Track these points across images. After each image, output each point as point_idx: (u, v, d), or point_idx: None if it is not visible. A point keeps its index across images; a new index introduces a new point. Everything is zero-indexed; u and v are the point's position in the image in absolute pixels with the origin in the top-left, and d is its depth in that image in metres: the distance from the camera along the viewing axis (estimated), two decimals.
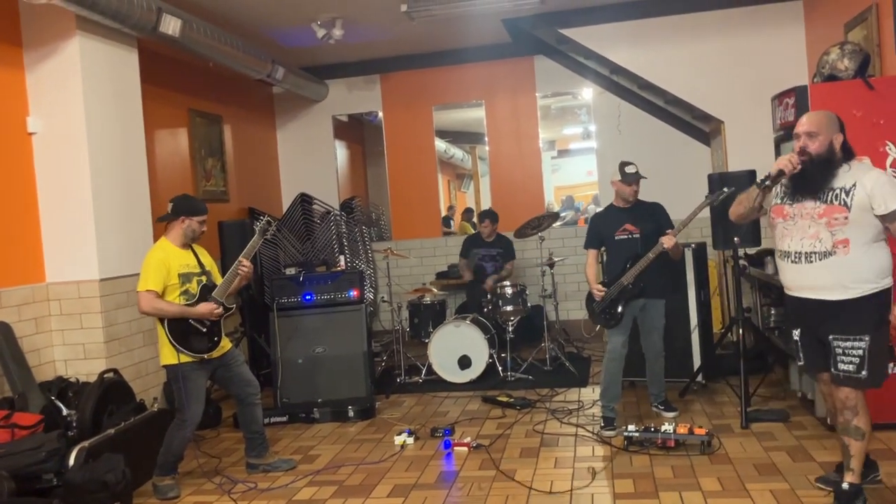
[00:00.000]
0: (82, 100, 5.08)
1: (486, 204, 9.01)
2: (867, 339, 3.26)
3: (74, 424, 4.52)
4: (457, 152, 9.95)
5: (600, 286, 4.96)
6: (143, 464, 4.38)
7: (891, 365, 4.39)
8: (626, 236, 4.99)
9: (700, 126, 8.16)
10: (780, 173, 3.38)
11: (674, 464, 4.20)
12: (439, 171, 9.16)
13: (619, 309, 4.91)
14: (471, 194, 10.00)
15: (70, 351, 5.13)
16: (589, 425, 5.04)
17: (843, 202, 3.26)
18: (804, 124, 3.38)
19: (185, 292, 4.32)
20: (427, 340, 6.64)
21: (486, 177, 9.13)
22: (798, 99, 4.53)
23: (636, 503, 3.75)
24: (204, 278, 4.42)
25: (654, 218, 5.02)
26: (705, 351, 5.75)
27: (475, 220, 7.84)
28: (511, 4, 6.70)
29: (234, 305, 4.53)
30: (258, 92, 8.82)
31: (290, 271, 6.27)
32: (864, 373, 3.27)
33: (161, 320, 4.24)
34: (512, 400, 5.71)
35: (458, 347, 6.44)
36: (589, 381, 6.23)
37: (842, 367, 3.31)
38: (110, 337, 5.17)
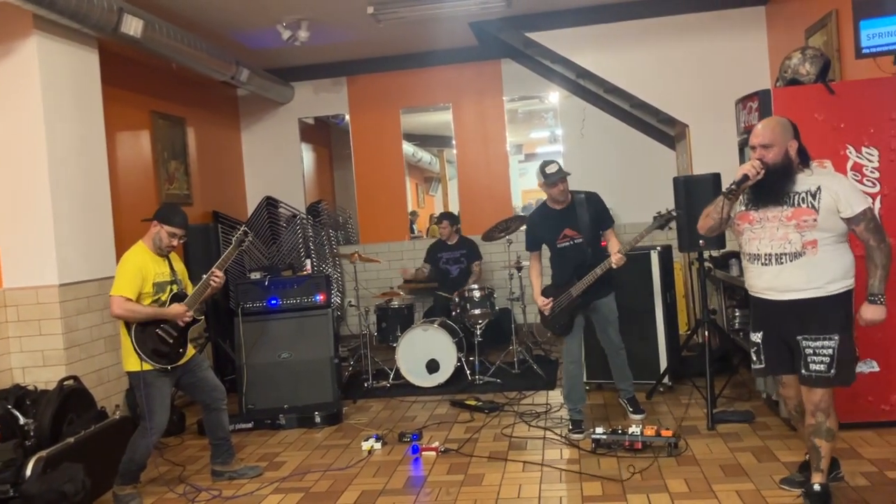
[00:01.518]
0: (41, 101, 4.96)
1: (454, 206, 9.01)
2: (836, 338, 3.31)
3: (32, 434, 4.40)
4: (424, 156, 9.94)
5: (546, 300, 4.91)
6: (104, 473, 4.29)
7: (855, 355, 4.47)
8: (568, 243, 4.90)
9: (665, 130, 8.23)
10: (745, 178, 3.38)
11: (641, 466, 4.21)
12: (407, 175, 9.13)
13: (570, 317, 4.91)
14: (439, 197, 10.00)
15: (28, 358, 5.01)
16: (557, 428, 5.04)
17: (810, 205, 3.31)
18: (759, 136, 3.41)
19: (157, 300, 4.24)
20: (395, 345, 6.60)
21: (453, 180, 9.12)
22: (761, 103, 4.58)
23: None
24: (175, 287, 4.34)
25: (592, 214, 4.88)
26: (671, 353, 5.78)
27: (436, 223, 7.80)
28: (478, 7, 6.70)
29: (203, 317, 4.45)
30: (222, 94, 8.71)
31: (256, 276, 6.19)
32: (833, 371, 3.32)
33: (127, 327, 4.15)
34: (480, 403, 5.69)
35: (425, 351, 6.41)
36: (557, 384, 6.23)
37: (813, 367, 3.34)
38: (70, 343, 5.05)
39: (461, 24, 7.41)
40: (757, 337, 3.58)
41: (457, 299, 6.74)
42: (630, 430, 4.45)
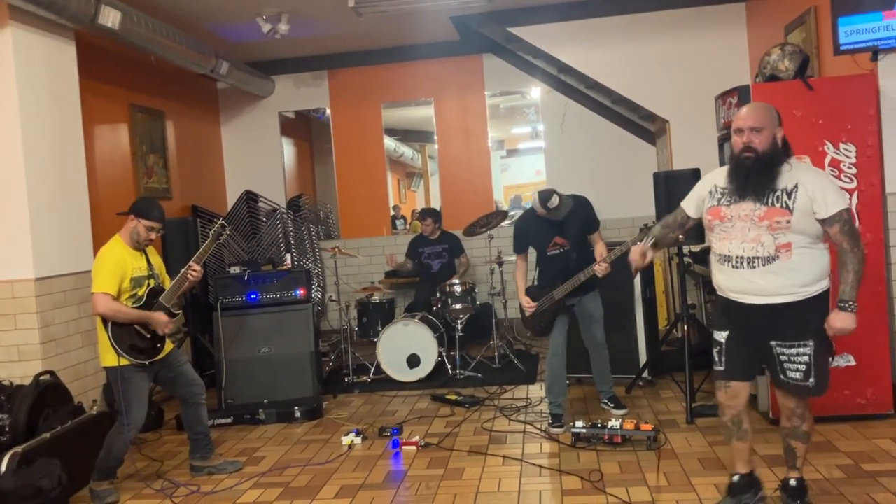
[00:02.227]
0: (16, 93, 4.89)
1: (435, 203, 9.00)
2: (812, 344, 3.13)
3: (7, 429, 4.35)
4: (406, 150, 9.91)
5: (530, 300, 4.94)
6: (80, 468, 4.24)
7: (829, 359, 4.51)
8: (557, 251, 4.94)
9: (646, 125, 8.26)
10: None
11: (621, 459, 4.23)
12: (389, 170, 9.11)
13: (551, 319, 4.94)
14: (421, 193, 9.98)
15: (3, 353, 4.94)
16: (537, 422, 5.06)
17: (784, 204, 3.06)
18: (748, 118, 3.14)
19: (134, 296, 4.20)
20: (375, 339, 6.58)
21: (435, 175, 9.10)
22: (741, 98, 4.61)
23: (584, 499, 3.77)
24: (152, 281, 4.30)
25: (579, 220, 4.92)
26: (651, 347, 5.81)
27: (419, 219, 7.79)
28: (459, 2, 6.67)
29: (181, 312, 4.42)
30: (202, 87, 8.64)
31: (235, 270, 6.15)
32: (811, 381, 3.15)
33: (104, 323, 4.11)
34: (460, 398, 5.69)
35: (406, 346, 6.40)
36: (537, 378, 6.25)
37: (790, 374, 3.18)
38: (47, 338, 4.99)
39: (442, 18, 7.39)
40: (721, 336, 3.33)
41: (438, 294, 6.74)
42: (610, 424, 4.47)
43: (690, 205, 3.45)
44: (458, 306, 6.62)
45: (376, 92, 8.89)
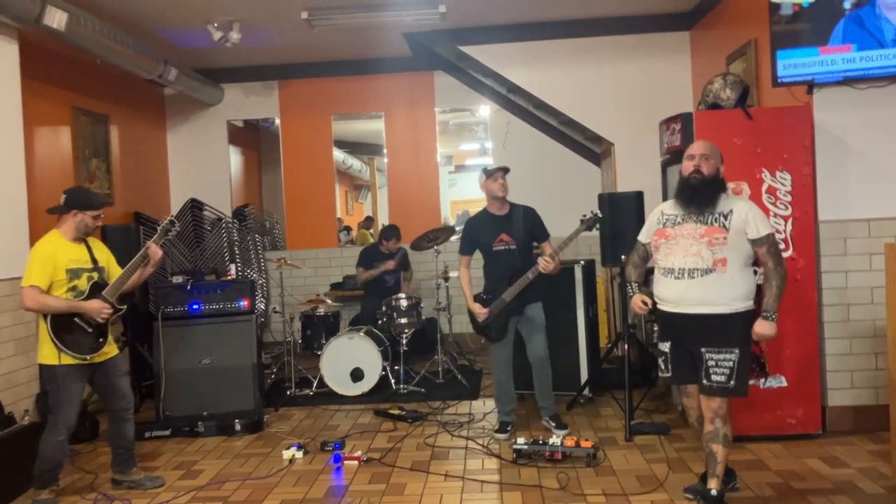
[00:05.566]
0: None
1: (383, 215, 9.00)
2: (737, 352, 3.55)
3: None
4: (355, 163, 9.90)
5: (481, 307, 5.01)
6: (11, 480, 4.12)
7: (762, 380, 4.67)
8: (503, 247, 5.06)
9: (592, 147, 8.42)
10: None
11: (561, 476, 4.28)
12: (337, 182, 9.09)
13: (504, 322, 5.02)
14: (368, 205, 9.98)
15: None
16: (479, 438, 5.08)
17: (722, 224, 3.56)
18: (700, 147, 3.68)
19: (73, 288, 4.12)
20: (319, 352, 6.54)
21: (383, 188, 9.12)
22: (684, 125, 4.74)
23: None
24: (95, 275, 4.21)
25: (527, 225, 5.09)
26: (592, 365, 5.90)
27: (384, 238, 7.63)
28: (412, 18, 6.73)
29: (126, 306, 4.33)
30: (149, 92, 8.51)
31: (177, 279, 6.04)
32: (732, 382, 3.55)
33: (44, 316, 4.02)
34: (404, 413, 5.69)
35: (350, 360, 6.38)
36: (480, 394, 6.29)
37: (714, 378, 3.57)
38: None
39: (396, 34, 7.43)
40: (665, 346, 3.77)
41: (384, 308, 6.74)
42: (550, 441, 4.52)
43: (644, 236, 3.90)
44: (404, 320, 6.63)
45: (327, 104, 8.87)
